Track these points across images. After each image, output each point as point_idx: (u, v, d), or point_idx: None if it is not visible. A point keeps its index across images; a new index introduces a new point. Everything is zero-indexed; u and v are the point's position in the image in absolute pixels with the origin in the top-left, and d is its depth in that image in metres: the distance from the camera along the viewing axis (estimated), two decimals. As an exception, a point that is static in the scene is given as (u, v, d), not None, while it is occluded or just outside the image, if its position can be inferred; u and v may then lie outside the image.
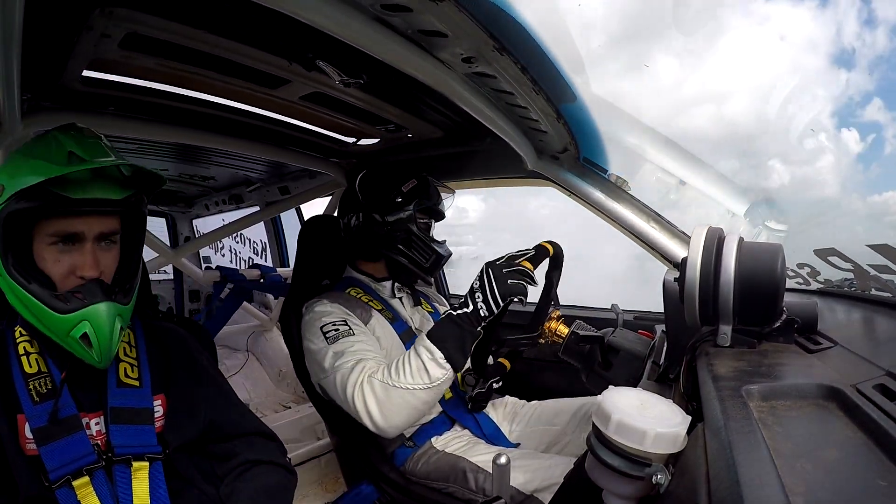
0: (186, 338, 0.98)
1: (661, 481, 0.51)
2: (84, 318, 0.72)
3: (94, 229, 0.75)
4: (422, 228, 1.34)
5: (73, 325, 0.72)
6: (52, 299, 0.72)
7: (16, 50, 0.77)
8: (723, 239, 0.67)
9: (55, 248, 0.74)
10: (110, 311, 0.73)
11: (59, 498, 0.72)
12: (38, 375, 0.77)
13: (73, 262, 0.74)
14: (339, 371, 1.09)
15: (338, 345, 1.13)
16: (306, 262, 1.49)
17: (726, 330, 0.66)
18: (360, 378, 1.05)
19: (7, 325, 0.81)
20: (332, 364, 1.11)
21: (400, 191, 1.32)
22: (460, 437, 1.26)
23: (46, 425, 0.74)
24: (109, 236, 0.78)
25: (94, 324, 0.72)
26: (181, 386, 0.89)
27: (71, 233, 0.74)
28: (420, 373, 1.01)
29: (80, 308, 0.72)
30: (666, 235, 1.41)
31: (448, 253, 1.36)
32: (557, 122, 1.25)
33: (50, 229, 0.73)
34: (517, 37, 0.87)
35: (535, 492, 1.04)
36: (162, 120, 1.41)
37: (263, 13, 0.71)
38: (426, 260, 1.31)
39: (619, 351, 1.11)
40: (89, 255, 0.75)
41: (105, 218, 0.77)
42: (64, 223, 0.73)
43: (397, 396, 1.01)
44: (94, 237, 0.76)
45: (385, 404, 1.01)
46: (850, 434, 0.41)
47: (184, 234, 3.47)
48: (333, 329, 1.16)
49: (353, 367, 1.07)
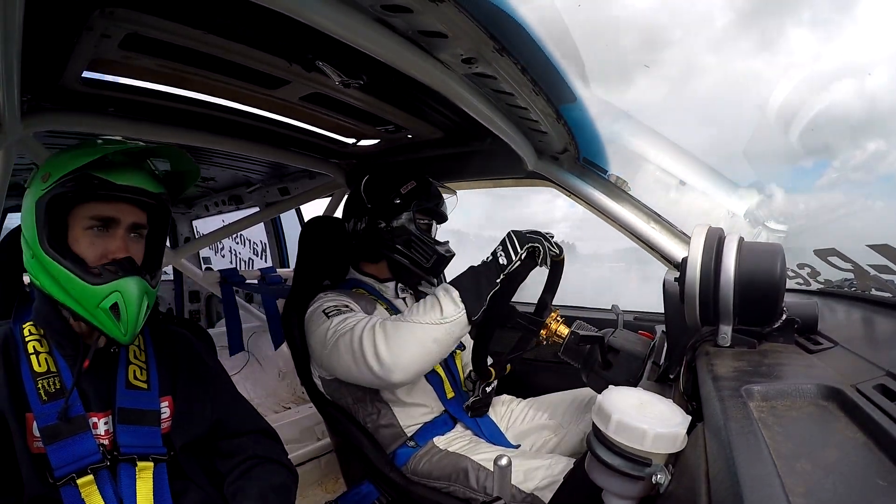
0: (193, 341, 1.00)
1: (661, 481, 0.51)
2: (116, 290, 0.76)
3: (129, 218, 0.81)
4: (422, 229, 1.34)
5: (105, 297, 0.76)
6: (85, 273, 0.76)
7: (16, 50, 0.77)
8: (723, 239, 0.67)
9: (91, 233, 0.79)
10: (140, 285, 0.78)
11: (64, 496, 0.74)
12: (47, 375, 0.79)
13: (107, 247, 0.79)
14: (341, 334, 1.08)
15: (339, 319, 1.13)
16: (307, 263, 1.49)
17: (726, 330, 0.66)
18: (368, 324, 1.05)
19: (15, 323, 0.83)
20: (334, 332, 1.10)
21: (399, 192, 1.32)
22: (462, 437, 1.27)
23: (54, 424, 0.75)
24: (139, 228, 0.84)
25: (125, 295, 0.76)
26: (188, 388, 0.92)
27: (108, 217, 0.80)
28: (434, 309, 1.01)
29: (112, 280, 0.76)
30: (666, 235, 1.41)
31: (450, 254, 1.36)
32: (557, 123, 1.25)
33: (88, 213, 0.79)
34: (517, 37, 0.87)
35: (535, 490, 1.04)
36: (162, 121, 1.41)
37: (263, 14, 0.71)
38: (427, 260, 1.31)
39: (620, 351, 1.11)
40: (121, 240, 0.80)
41: (139, 209, 0.83)
42: (103, 207, 0.79)
43: (406, 330, 1.00)
44: (126, 226, 0.81)
45: (393, 338, 1.00)
46: (851, 434, 0.41)
47: (184, 234, 3.47)
48: (335, 309, 1.17)
49: (358, 323, 1.08)
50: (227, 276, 2.29)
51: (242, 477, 0.89)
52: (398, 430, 1.25)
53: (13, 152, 1.16)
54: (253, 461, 0.91)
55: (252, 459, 0.91)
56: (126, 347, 0.87)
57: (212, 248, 3.82)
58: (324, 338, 1.13)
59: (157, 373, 0.89)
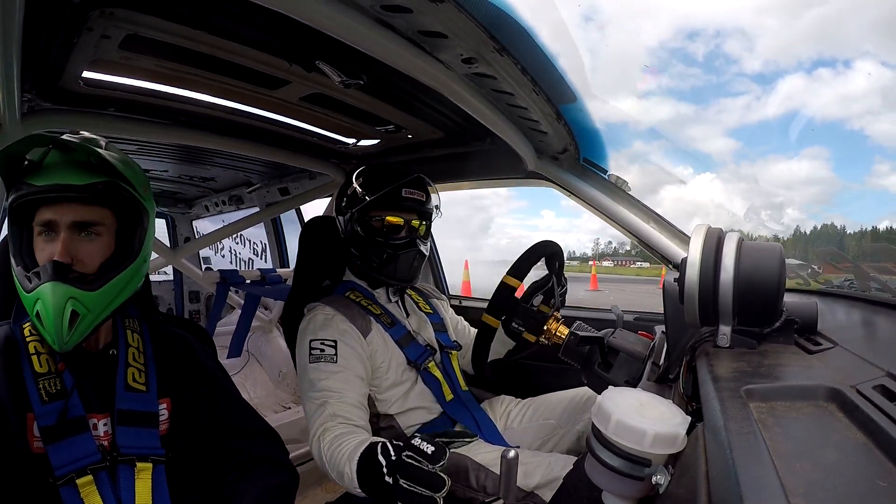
0: (192, 341, 1.00)
1: (661, 482, 0.51)
2: (38, 297, 0.73)
3: (67, 217, 0.77)
4: (375, 228, 1.29)
5: (32, 304, 0.74)
6: (23, 278, 0.76)
7: (16, 50, 0.77)
8: (722, 239, 0.67)
9: (41, 238, 0.78)
10: (56, 290, 0.73)
11: (63, 496, 0.74)
12: (48, 375, 0.78)
13: (51, 251, 0.76)
14: (308, 401, 1.14)
15: (314, 370, 1.16)
16: (308, 263, 1.49)
17: (726, 330, 0.66)
18: (318, 428, 1.09)
19: (15, 323, 0.83)
20: (304, 390, 1.16)
21: (345, 193, 1.32)
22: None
23: (54, 424, 0.75)
24: (88, 226, 0.78)
25: (43, 302, 0.73)
26: (187, 390, 0.91)
27: (46, 220, 0.77)
28: (342, 475, 0.99)
29: (37, 286, 0.74)
30: (666, 236, 1.41)
31: (412, 251, 1.29)
32: (557, 123, 1.25)
33: (39, 218, 0.77)
34: (517, 37, 0.87)
35: (535, 488, 1.05)
36: (162, 121, 1.41)
37: (263, 14, 0.71)
38: (378, 259, 1.29)
39: (619, 352, 1.11)
40: (60, 243, 0.76)
41: (78, 206, 0.77)
42: (42, 212, 0.77)
43: (331, 465, 1.02)
44: (67, 225, 0.77)
45: (329, 465, 1.03)
46: (850, 435, 0.41)
47: (184, 234, 3.48)
48: (319, 349, 1.17)
49: (316, 411, 1.12)
50: (226, 276, 2.29)
51: (240, 478, 0.89)
52: (398, 432, 1.25)
53: (13, 152, 1.16)
54: (251, 462, 0.91)
55: (251, 460, 0.91)
56: (125, 349, 0.86)
57: (211, 248, 3.82)
58: (300, 381, 1.19)
59: (155, 374, 0.88)
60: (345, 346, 1.18)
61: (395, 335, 1.28)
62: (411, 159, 1.75)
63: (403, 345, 1.28)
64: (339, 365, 1.15)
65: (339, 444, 1.02)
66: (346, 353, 1.18)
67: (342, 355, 1.17)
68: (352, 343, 1.20)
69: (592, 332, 1.20)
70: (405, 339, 1.30)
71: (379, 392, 1.24)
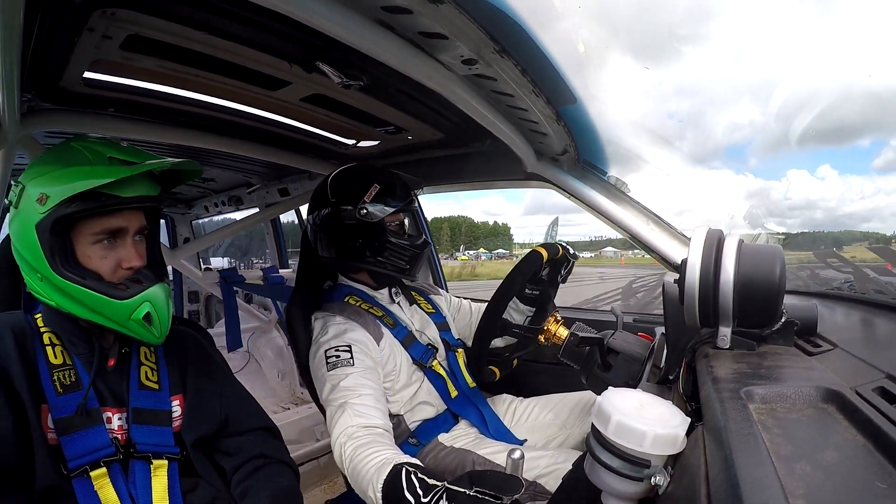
0: (200, 338, 1.02)
1: (660, 482, 0.51)
2: (146, 300, 0.78)
3: (135, 225, 0.82)
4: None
5: (135, 308, 0.78)
6: (111, 289, 0.78)
7: (16, 50, 0.77)
8: (722, 240, 0.67)
9: (100, 246, 0.79)
10: (165, 291, 0.82)
11: (76, 487, 0.75)
12: (63, 367, 0.80)
13: (119, 257, 0.80)
14: (329, 405, 1.11)
15: (333, 376, 1.13)
16: (309, 264, 1.49)
17: (726, 332, 0.66)
18: (340, 434, 1.03)
19: (27, 314, 0.83)
20: (327, 397, 1.13)
21: (355, 197, 1.28)
22: (467, 434, 1.26)
23: (69, 416, 0.76)
24: (143, 231, 0.85)
25: (155, 303, 0.79)
26: (197, 386, 0.93)
27: (116, 229, 0.80)
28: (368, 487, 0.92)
29: (140, 292, 0.78)
30: (666, 237, 1.41)
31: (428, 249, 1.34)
32: (557, 124, 1.25)
33: (95, 228, 0.78)
34: (517, 39, 0.87)
35: (537, 478, 1.05)
36: (162, 121, 1.41)
37: (264, 15, 0.71)
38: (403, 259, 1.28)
39: (619, 353, 1.11)
40: (132, 248, 0.81)
41: (142, 213, 0.84)
42: (110, 221, 0.79)
43: (355, 472, 0.97)
44: (133, 232, 0.82)
45: (349, 465, 0.98)
46: (850, 437, 0.41)
47: (183, 235, 3.47)
48: (335, 355, 1.16)
49: (336, 413, 1.07)
50: (226, 276, 2.29)
51: (250, 477, 0.90)
52: (403, 428, 1.25)
53: (13, 152, 1.16)
54: (259, 461, 0.92)
55: (258, 459, 0.92)
56: (137, 348, 0.88)
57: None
58: (321, 389, 1.17)
59: (167, 372, 0.90)
60: (359, 352, 1.18)
61: (398, 336, 1.29)
62: (411, 160, 1.75)
63: (407, 345, 1.29)
64: (355, 367, 1.15)
65: (361, 461, 0.96)
66: (361, 357, 1.18)
67: (358, 358, 1.17)
68: (366, 350, 1.20)
69: (592, 332, 1.20)
70: (408, 340, 1.30)
71: (391, 394, 1.24)
